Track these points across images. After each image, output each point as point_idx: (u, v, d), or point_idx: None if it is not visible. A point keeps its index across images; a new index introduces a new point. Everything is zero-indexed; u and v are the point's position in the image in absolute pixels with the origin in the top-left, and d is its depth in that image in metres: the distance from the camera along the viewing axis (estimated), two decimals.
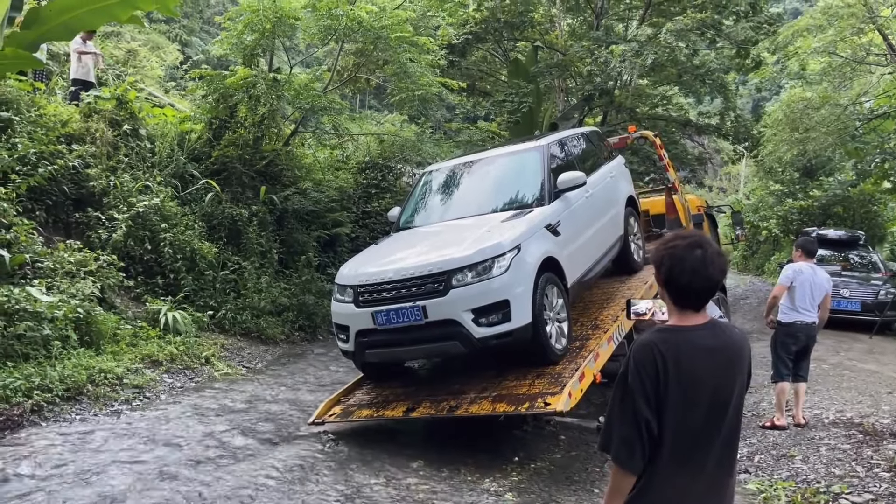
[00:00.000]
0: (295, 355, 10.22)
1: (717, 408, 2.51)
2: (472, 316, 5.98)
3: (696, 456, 2.51)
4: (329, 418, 6.87)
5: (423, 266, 6.22)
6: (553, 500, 5.61)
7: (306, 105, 11.61)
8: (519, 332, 6.03)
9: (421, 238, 7.27)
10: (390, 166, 14.85)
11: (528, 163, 7.66)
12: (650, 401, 2.46)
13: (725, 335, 2.60)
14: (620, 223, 8.56)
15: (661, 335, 2.56)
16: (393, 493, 5.52)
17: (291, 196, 12.42)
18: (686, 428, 2.49)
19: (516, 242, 6.23)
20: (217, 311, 10.11)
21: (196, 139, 12.12)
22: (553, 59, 17.99)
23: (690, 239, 2.58)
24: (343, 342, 6.80)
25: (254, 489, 5.30)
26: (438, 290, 6.07)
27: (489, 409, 6.00)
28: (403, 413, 6.50)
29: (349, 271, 6.91)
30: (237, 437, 6.49)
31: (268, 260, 11.56)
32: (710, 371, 2.50)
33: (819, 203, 21.22)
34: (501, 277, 6.01)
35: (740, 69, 20.17)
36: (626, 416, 2.50)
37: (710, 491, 2.55)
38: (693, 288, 2.54)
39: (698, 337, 2.54)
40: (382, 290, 6.33)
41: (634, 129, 12.09)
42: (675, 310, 2.61)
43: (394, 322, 6.22)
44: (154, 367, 8.15)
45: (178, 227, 10.37)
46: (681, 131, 20.96)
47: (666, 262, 2.57)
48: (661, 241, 2.66)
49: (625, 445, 2.50)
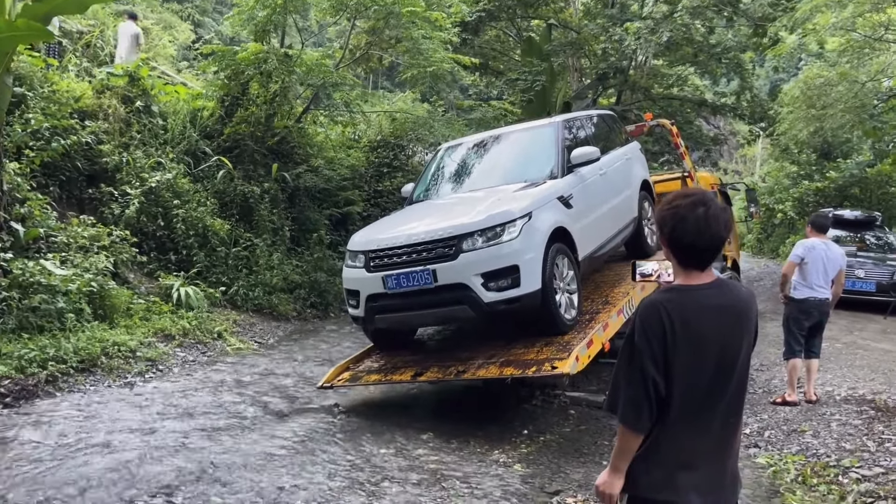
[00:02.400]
0: (306, 332, 10.27)
1: (724, 367, 2.50)
2: (481, 280, 6.01)
3: (703, 415, 2.50)
4: (338, 383, 6.96)
5: (434, 231, 6.25)
6: (561, 472, 5.62)
7: (318, 81, 11.58)
8: (527, 299, 6.04)
9: (433, 209, 7.30)
10: (402, 145, 14.81)
11: (542, 138, 7.68)
12: (657, 361, 2.45)
13: (732, 294, 2.57)
14: (634, 206, 8.53)
15: (667, 295, 2.54)
16: (402, 462, 5.55)
17: (303, 174, 12.44)
18: (693, 387, 2.47)
19: (527, 210, 6.24)
20: (229, 287, 10.17)
21: (208, 116, 12.14)
22: (567, 37, 17.82)
23: (693, 197, 2.54)
24: (353, 308, 6.84)
25: (265, 458, 5.34)
26: (449, 255, 6.10)
27: (497, 373, 6.05)
28: (412, 377, 6.55)
29: (361, 238, 6.98)
30: (248, 408, 6.55)
31: (280, 237, 11.60)
32: (717, 330, 2.49)
33: (836, 184, 20.99)
34: (511, 243, 6.03)
35: (757, 48, 19.89)
36: (633, 377, 2.49)
37: (716, 450, 2.54)
38: (697, 247, 2.51)
39: (705, 296, 2.52)
40: (393, 255, 6.36)
41: (651, 117, 12.00)
42: (681, 269, 2.58)
43: (404, 286, 6.25)
44: (167, 341, 8.23)
45: (191, 204, 10.42)
46: (696, 112, 20.75)
47: (669, 222, 2.54)
48: (665, 201, 2.63)
49: (632, 406, 2.49)
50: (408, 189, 8.25)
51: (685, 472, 2.51)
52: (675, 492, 2.50)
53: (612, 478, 2.60)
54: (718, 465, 2.55)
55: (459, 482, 5.21)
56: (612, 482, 2.59)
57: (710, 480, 2.53)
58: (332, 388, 7.08)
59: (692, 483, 2.50)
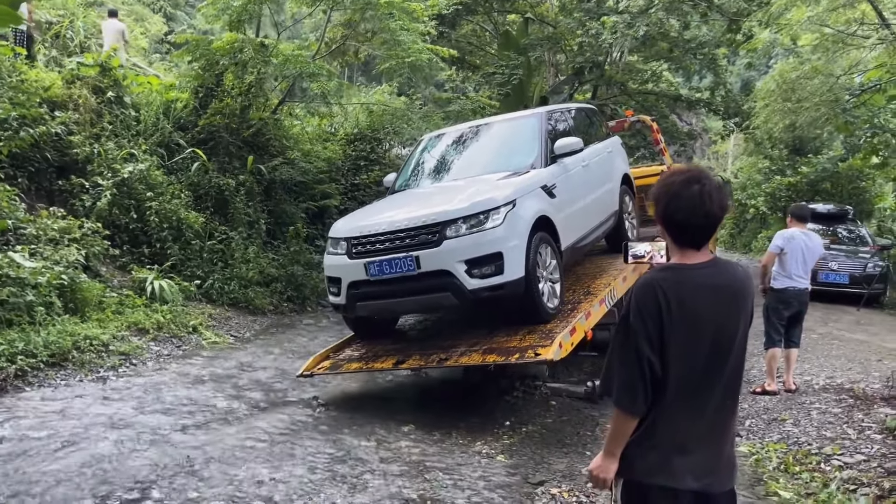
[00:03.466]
0: (283, 325, 10.13)
1: (721, 348, 2.44)
2: (465, 267, 5.97)
3: (699, 397, 2.45)
4: (318, 371, 6.89)
5: (418, 217, 6.21)
6: (544, 462, 5.58)
7: (295, 72, 11.41)
8: (511, 286, 6.01)
9: (416, 197, 7.26)
10: (379, 139, 14.68)
11: (525, 128, 7.67)
12: (653, 341, 2.39)
13: (728, 273, 2.52)
14: (615, 199, 8.54)
15: (662, 274, 2.49)
16: (384, 454, 5.47)
17: (279, 166, 12.27)
18: (689, 369, 2.42)
19: (511, 198, 6.21)
20: (204, 280, 9.99)
21: (182, 108, 11.92)
22: (544, 31, 17.80)
23: (688, 174, 2.48)
24: (334, 295, 6.76)
25: (243, 451, 5.23)
26: (432, 241, 6.05)
27: (479, 360, 6.02)
28: (393, 365, 6.50)
29: (343, 225, 6.94)
30: (226, 402, 6.43)
31: (255, 230, 11.43)
32: (713, 309, 2.43)
33: (807, 179, 21.23)
34: (495, 230, 6.00)
35: (731, 44, 20.05)
36: (628, 358, 2.43)
37: (712, 433, 2.49)
38: (691, 225, 2.45)
39: (701, 275, 2.46)
40: (376, 242, 6.30)
41: (632, 114, 11.99)
42: (675, 248, 2.53)
43: (386, 273, 6.18)
44: (140, 335, 8.06)
45: (164, 197, 10.22)
46: (671, 107, 20.87)
47: (662, 199, 2.48)
48: (660, 179, 2.58)
49: (627, 388, 2.44)
50: (390, 179, 8.19)
51: (681, 455, 2.45)
52: (671, 475, 2.45)
53: (607, 462, 2.54)
54: (714, 448, 2.50)
55: (442, 473, 5.14)
56: (607, 466, 2.54)
57: (706, 464, 2.48)
58: (311, 377, 7.00)
59: (688, 466, 2.45)
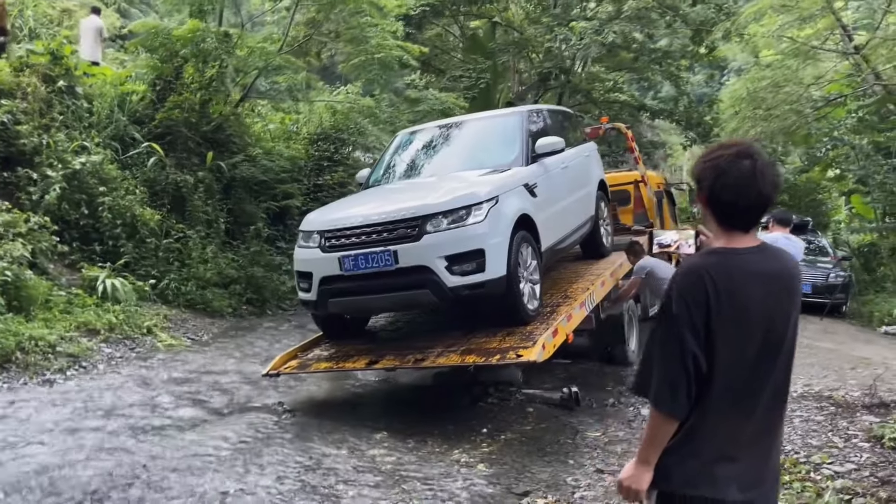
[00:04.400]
0: (243, 328, 9.67)
1: (771, 343, 2.18)
2: (445, 263, 5.70)
3: (746, 399, 2.17)
4: (285, 370, 6.53)
5: (397, 210, 5.92)
6: (527, 472, 5.29)
7: (260, 64, 10.99)
8: (492, 284, 5.76)
9: (393, 191, 7.00)
10: (343, 139, 14.29)
11: (506, 126, 7.50)
12: (698, 333, 2.11)
13: (779, 261, 2.26)
14: (592, 204, 8.38)
15: (709, 259, 2.22)
16: (357, 464, 5.13)
17: (240, 164, 11.81)
18: (737, 366, 2.15)
19: (494, 194, 5.98)
20: (159, 280, 9.49)
21: (138, 101, 11.40)
22: (511, 36, 17.67)
23: (737, 148, 2.21)
24: (304, 291, 6.39)
25: (204, 460, 4.84)
26: (411, 236, 5.77)
27: (458, 361, 5.77)
28: (366, 365, 6.19)
29: (316, 217, 6.62)
30: (184, 407, 6.01)
31: (214, 230, 10.95)
32: (765, 300, 2.16)
33: None
34: (477, 226, 5.75)
35: (693, 57, 20.23)
36: (670, 352, 2.15)
37: (759, 440, 2.22)
38: (740, 206, 2.18)
39: (751, 261, 2.19)
40: (352, 235, 5.98)
41: (607, 120, 11.88)
42: (721, 231, 2.25)
43: (362, 267, 5.85)
44: (91, 335, 7.55)
45: (118, 192, 9.71)
46: (635, 116, 20.95)
47: (708, 176, 2.20)
48: (704, 153, 2.32)
49: (667, 385, 2.14)
50: (363, 174, 7.86)
51: (725, 463, 2.17)
52: (714, 486, 2.17)
53: (640, 471, 2.24)
54: (761, 456, 2.23)
55: (420, 483, 4.82)
56: (640, 476, 2.24)
57: (752, 474, 2.20)
58: (278, 376, 6.64)
59: (732, 476, 2.17)
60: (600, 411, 7.18)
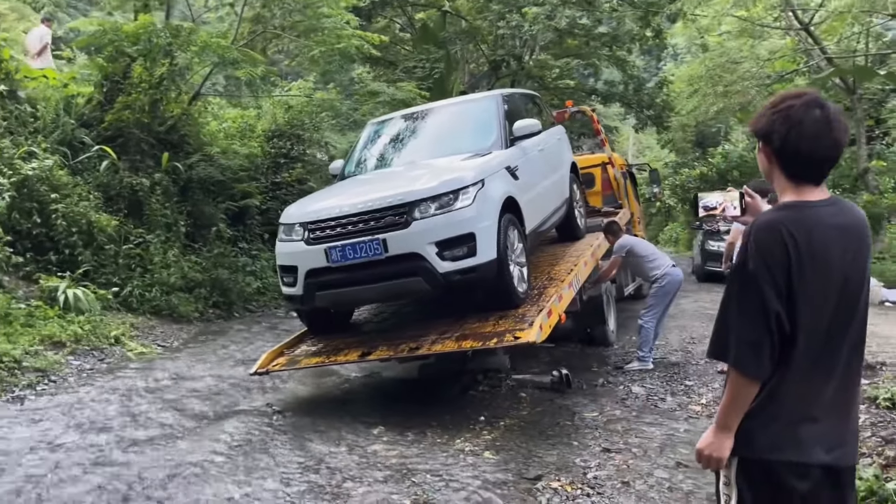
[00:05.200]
0: (213, 332, 9.34)
1: (849, 299, 2.11)
2: (436, 250, 5.57)
3: (827, 357, 2.10)
4: (273, 368, 6.33)
5: (384, 198, 5.75)
6: (533, 456, 5.20)
7: (216, 59, 10.59)
8: (484, 269, 5.66)
9: (373, 180, 6.82)
10: (299, 134, 13.95)
11: (482, 110, 7.40)
12: (780, 291, 2.03)
13: (853, 212, 2.18)
14: (566, 187, 8.36)
15: (786, 213, 2.12)
16: (360, 461, 4.96)
17: (197, 164, 11.40)
18: (818, 323, 2.07)
19: (480, 177, 5.88)
20: (122, 288, 9.08)
21: (85, 103, 10.90)
22: (461, 25, 17.55)
23: (805, 97, 2.13)
24: (289, 286, 6.17)
25: (202, 468, 4.60)
26: (400, 223, 5.62)
27: (454, 347, 5.65)
28: (359, 357, 6.03)
29: (297, 210, 6.41)
30: (169, 415, 5.72)
31: (174, 233, 10.53)
32: (841, 255, 2.09)
33: (718, 169, 21.92)
34: (466, 210, 5.65)
35: (640, 39, 20.40)
36: (750, 311, 2.06)
37: (840, 398, 2.14)
38: (817, 156, 2.11)
39: (827, 214, 2.11)
40: (337, 225, 5.80)
41: (572, 104, 11.87)
42: (791, 185, 2.16)
43: (350, 258, 5.67)
44: (57, 348, 7.16)
45: (71, 198, 9.24)
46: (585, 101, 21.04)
47: (779, 128, 2.11)
48: (768, 105, 2.21)
49: (749, 346, 2.05)
50: (337, 165, 7.64)
51: (809, 425, 2.10)
52: (798, 448, 2.09)
53: (721, 438, 2.15)
54: (843, 415, 2.16)
55: (430, 475, 4.69)
56: (721, 443, 2.15)
57: (835, 434, 2.13)
58: (267, 374, 6.47)
59: (817, 437, 2.10)
60: (591, 392, 7.14)
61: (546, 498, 4.44)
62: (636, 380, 7.50)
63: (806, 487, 2.08)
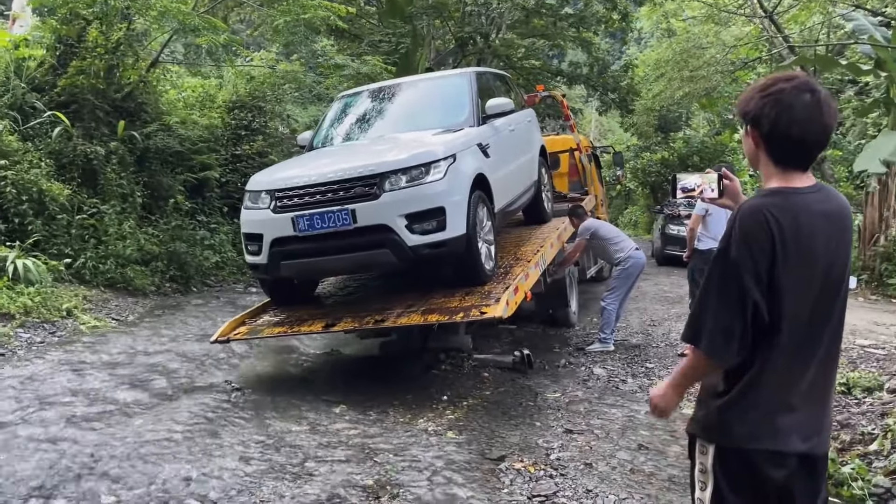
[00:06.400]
0: (170, 307, 9.12)
1: (832, 286, 2.09)
2: (405, 222, 5.53)
3: (807, 345, 2.08)
4: (235, 336, 6.23)
5: (354, 168, 5.67)
6: (497, 436, 5.18)
7: (175, 25, 10.24)
8: (453, 243, 5.64)
9: (344, 150, 6.72)
10: (261, 106, 13.64)
11: (454, 86, 7.33)
12: (761, 280, 2.00)
13: (837, 200, 2.15)
14: (535, 169, 8.35)
15: (772, 199, 2.07)
16: (321, 440, 4.88)
17: (155, 133, 11.06)
18: (801, 311, 2.05)
19: (451, 151, 5.84)
20: (75, 259, 8.80)
21: (36, 66, 10.47)
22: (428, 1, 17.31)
23: (795, 80, 2.08)
24: (253, 255, 6.06)
25: (158, 446, 4.48)
26: (370, 194, 5.56)
27: (420, 320, 5.62)
28: (323, 328, 5.96)
29: (264, 177, 6.29)
30: (124, 391, 5.56)
31: (130, 204, 10.22)
32: (826, 242, 2.07)
33: (679, 154, 22.13)
34: (437, 184, 5.61)
35: (607, 21, 20.42)
36: (727, 298, 2.03)
37: (817, 386, 2.13)
38: (806, 142, 2.06)
39: (813, 201, 2.07)
40: (306, 194, 5.70)
41: (542, 88, 11.81)
42: (777, 171, 2.12)
43: (318, 227, 5.59)
44: (5, 320, 6.92)
45: (21, 165, 8.91)
46: (551, 81, 21.04)
47: (769, 112, 2.05)
48: (755, 88, 2.14)
49: (721, 333, 2.03)
50: (305, 137, 7.53)
51: (786, 413, 2.08)
52: (775, 437, 2.07)
53: (672, 394, 2.26)
54: (819, 403, 2.14)
55: (393, 455, 4.63)
56: (671, 399, 2.27)
57: (812, 422, 2.12)
58: (228, 342, 6.40)
59: (794, 426, 2.08)
60: (553, 372, 7.16)
61: (510, 479, 4.42)
62: (597, 361, 7.54)
63: (782, 476, 2.08)
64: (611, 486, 4.35)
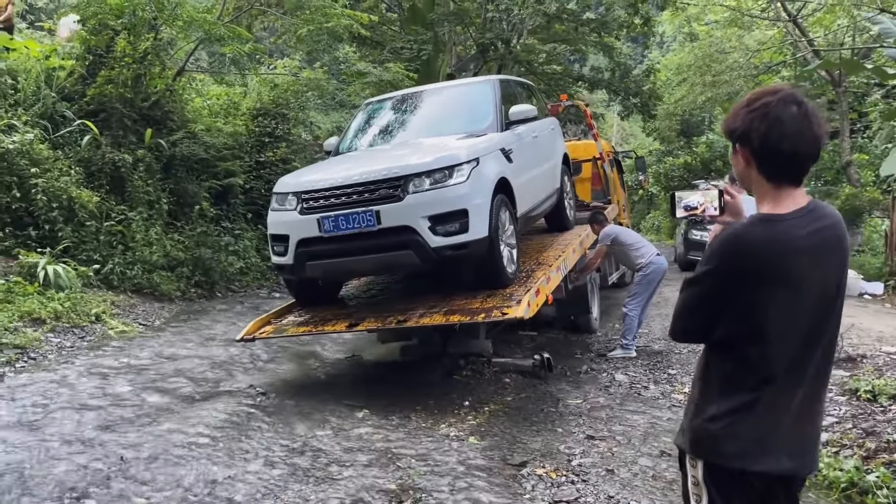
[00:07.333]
0: (195, 312, 9.27)
1: (821, 308, 2.08)
2: (428, 224, 5.61)
3: (798, 365, 2.08)
4: (260, 335, 6.38)
5: (379, 171, 5.77)
6: (519, 442, 5.22)
7: (201, 34, 10.41)
8: (475, 246, 5.71)
9: (369, 154, 6.85)
10: (284, 114, 13.80)
11: (478, 93, 7.42)
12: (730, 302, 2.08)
13: (830, 219, 2.11)
14: (558, 177, 8.41)
15: (753, 228, 2.07)
16: (345, 444, 4.95)
17: (181, 141, 11.24)
18: (792, 336, 2.05)
19: (475, 155, 5.92)
20: (103, 265, 8.97)
21: (66, 76, 10.70)
22: (449, 7, 17.41)
23: (781, 94, 2.04)
24: (279, 255, 6.19)
25: (185, 449, 4.57)
26: (394, 196, 5.65)
27: (442, 320, 5.69)
28: (346, 328, 6.08)
29: (292, 179, 6.43)
30: (152, 395, 5.67)
31: (157, 211, 10.40)
32: (815, 268, 2.05)
33: (702, 158, 21.99)
34: (461, 186, 5.68)
35: (629, 26, 20.36)
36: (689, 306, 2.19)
37: (808, 405, 2.12)
38: (798, 155, 2.03)
39: (797, 227, 2.04)
40: (331, 196, 5.81)
41: (566, 98, 11.85)
42: (770, 188, 2.08)
43: (342, 228, 5.70)
44: (36, 325, 7.06)
45: (52, 173, 9.09)
46: (571, 87, 21.03)
47: (758, 127, 2.02)
48: (740, 104, 2.11)
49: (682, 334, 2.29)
50: (331, 142, 7.73)
51: (776, 433, 2.08)
52: (765, 456, 2.08)
53: None
54: (809, 423, 2.15)
55: (415, 460, 4.68)
56: None
57: (801, 442, 2.13)
58: (253, 341, 6.58)
59: (783, 446, 2.09)
60: (575, 379, 7.17)
61: (531, 484, 4.45)
62: (619, 367, 7.54)
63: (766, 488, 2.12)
64: (632, 493, 4.37)
